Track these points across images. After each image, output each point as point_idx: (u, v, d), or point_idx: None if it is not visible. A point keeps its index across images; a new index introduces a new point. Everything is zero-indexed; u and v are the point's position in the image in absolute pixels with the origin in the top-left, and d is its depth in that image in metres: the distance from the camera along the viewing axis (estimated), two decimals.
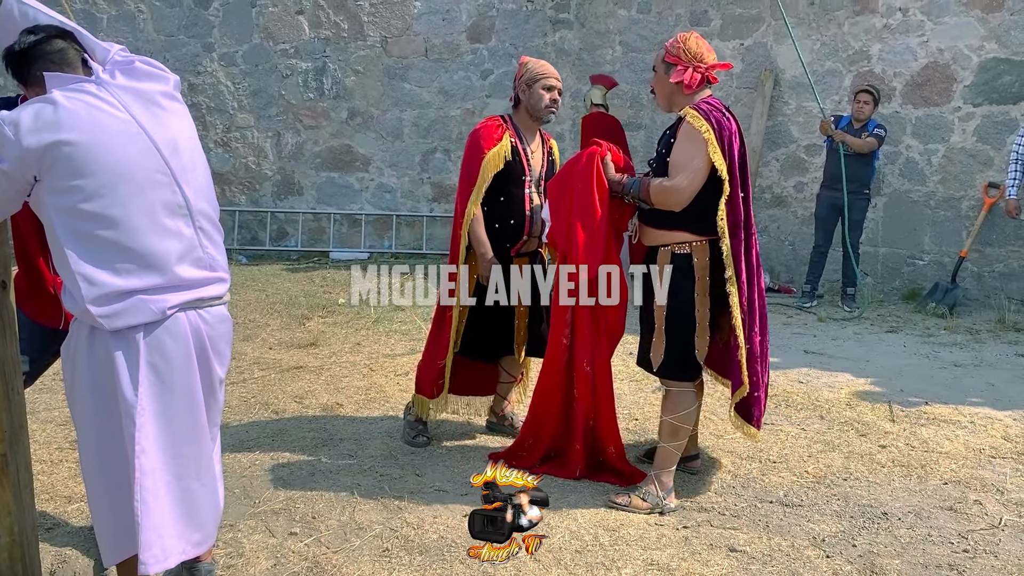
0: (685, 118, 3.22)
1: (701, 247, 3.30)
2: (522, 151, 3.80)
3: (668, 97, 3.38)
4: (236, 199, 9.91)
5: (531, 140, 3.88)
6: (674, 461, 3.44)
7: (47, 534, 3.05)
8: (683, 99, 3.33)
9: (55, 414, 4.30)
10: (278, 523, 3.19)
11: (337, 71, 9.68)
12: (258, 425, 4.25)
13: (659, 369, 3.42)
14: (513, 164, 3.75)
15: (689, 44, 3.29)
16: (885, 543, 3.09)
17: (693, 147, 3.17)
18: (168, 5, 9.51)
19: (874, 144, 7.09)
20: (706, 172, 3.18)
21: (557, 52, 9.74)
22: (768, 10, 8.29)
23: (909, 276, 7.87)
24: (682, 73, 3.27)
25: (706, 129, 3.15)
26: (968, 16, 7.35)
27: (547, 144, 3.98)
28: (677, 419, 3.40)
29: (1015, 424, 4.42)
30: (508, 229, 3.80)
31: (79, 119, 2.10)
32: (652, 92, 3.52)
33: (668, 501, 3.35)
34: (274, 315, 6.71)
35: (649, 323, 3.44)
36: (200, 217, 2.33)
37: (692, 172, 3.18)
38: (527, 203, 3.80)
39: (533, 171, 3.84)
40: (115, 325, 2.16)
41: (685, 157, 3.19)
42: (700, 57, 3.29)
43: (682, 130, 3.23)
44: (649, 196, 3.29)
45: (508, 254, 3.83)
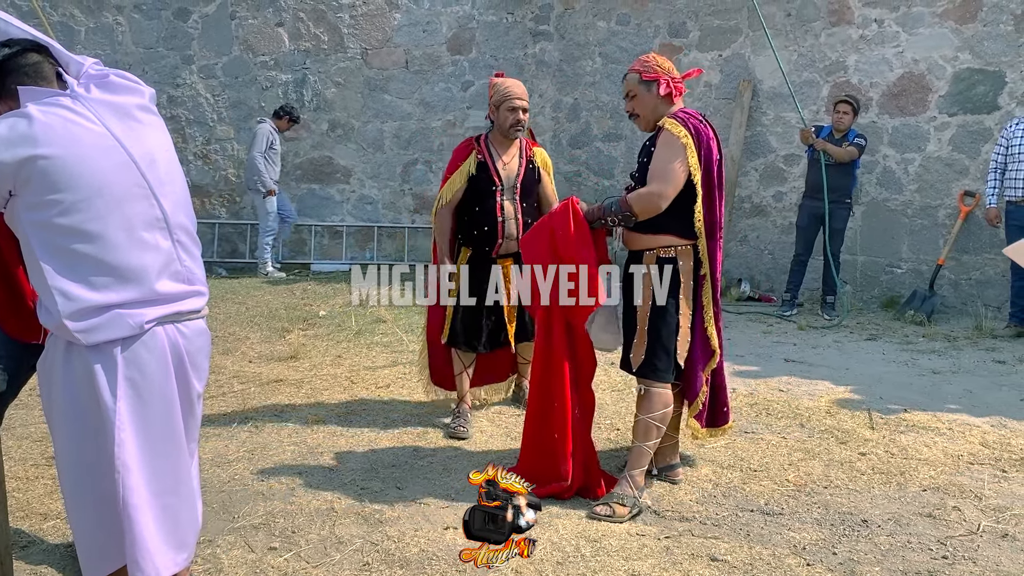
0: (664, 126, 3.35)
1: (685, 250, 3.44)
2: (491, 165, 4.28)
3: (654, 112, 3.46)
4: (216, 212, 9.87)
5: (504, 153, 4.32)
6: (646, 461, 3.55)
7: (22, 552, 3.01)
8: (665, 111, 3.44)
9: (31, 430, 4.24)
10: (257, 538, 3.16)
11: (317, 83, 9.67)
12: (237, 439, 4.21)
13: (639, 369, 3.49)
14: (479, 178, 4.27)
15: (659, 60, 3.47)
16: (865, 550, 3.11)
17: (671, 152, 3.30)
18: (147, 17, 9.48)
19: (855, 153, 7.17)
20: (684, 176, 3.30)
21: (537, 64, 9.79)
22: (746, 22, 8.37)
23: (888, 284, 7.94)
24: (665, 85, 3.41)
25: (684, 135, 3.29)
26: (942, 27, 7.46)
27: (527, 153, 4.38)
28: (653, 418, 3.48)
29: (992, 430, 4.46)
30: (484, 235, 4.31)
31: (55, 133, 2.08)
32: (632, 117, 3.57)
33: (643, 498, 3.46)
34: (254, 328, 6.68)
35: (631, 325, 3.52)
36: (178, 230, 2.32)
37: (671, 175, 3.29)
38: (498, 211, 4.27)
39: (506, 181, 4.29)
40: (92, 340, 2.14)
41: (663, 162, 3.32)
42: (670, 70, 3.46)
43: (661, 137, 3.35)
44: (631, 207, 3.36)
45: (488, 256, 4.33)
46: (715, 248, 3.49)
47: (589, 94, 9.47)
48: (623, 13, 9.12)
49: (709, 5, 8.58)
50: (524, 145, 4.41)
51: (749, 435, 4.33)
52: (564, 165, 9.80)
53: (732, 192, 8.45)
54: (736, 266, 8.67)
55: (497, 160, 4.31)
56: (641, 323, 3.46)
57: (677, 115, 3.38)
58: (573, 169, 9.71)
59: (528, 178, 4.36)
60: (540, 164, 4.45)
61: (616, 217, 3.42)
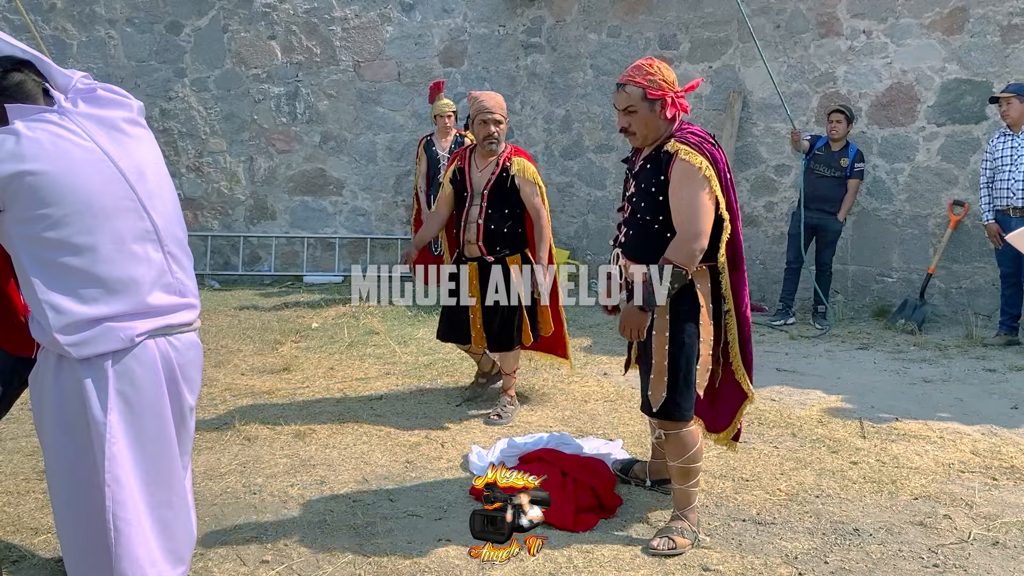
0: (677, 154, 3.00)
1: (702, 272, 3.13)
2: (467, 173, 4.61)
3: (655, 131, 3.10)
4: (208, 224, 9.86)
5: (483, 161, 4.60)
6: (694, 498, 3.28)
7: (13, 567, 3.00)
8: (667, 131, 3.12)
9: (22, 444, 4.23)
10: (249, 551, 3.15)
11: (310, 95, 9.69)
12: (230, 452, 4.21)
13: (660, 410, 3.13)
14: (459, 183, 4.65)
15: (664, 72, 3.06)
16: (857, 559, 3.12)
17: (695, 186, 2.97)
18: (139, 31, 9.49)
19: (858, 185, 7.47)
20: (713, 207, 3.01)
21: (529, 76, 9.83)
22: (736, 33, 8.43)
23: (878, 293, 7.98)
24: (672, 105, 3.06)
25: (704, 165, 2.98)
26: (930, 38, 7.52)
27: (503, 162, 4.56)
28: (686, 461, 3.20)
29: (983, 439, 4.48)
30: (457, 236, 4.71)
31: (42, 149, 2.09)
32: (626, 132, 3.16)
33: (700, 533, 3.25)
34: (246, 340, 6.67)
35: (648, 363, 3.17)
36: (169, 242, 2.33)
37: (702, 214, 2.98)
38: (465, 215, 4.60)
39: (475, 187, 4.58)
40: (83, 353, 2.15)
41: (689, 200, 2.98)
42: (674, 83, 3.09)
43: (679, 169, 2.99)
44: (680, 263, 2.99)
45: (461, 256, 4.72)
46: (740, 282, 3.20)
47: (581, 106, 9.51)
48: (614, 25, 9.17)
49: (699, 17, 8.64)
50: (504, 153, 4.57)
51: (741, 444, 4.33)
52: (556, 176, 9.83)
53: None
54: None
55: (474, 168, 4.60)
56: (659, 356, 3.10)
57: (688, 139, 3.02)
58: (565, 180, 9.74)
59: (496, 185, 4.53)
60: (516, 172, 4.51)
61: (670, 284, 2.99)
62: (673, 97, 3.04)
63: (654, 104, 3.04)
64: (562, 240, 9.85)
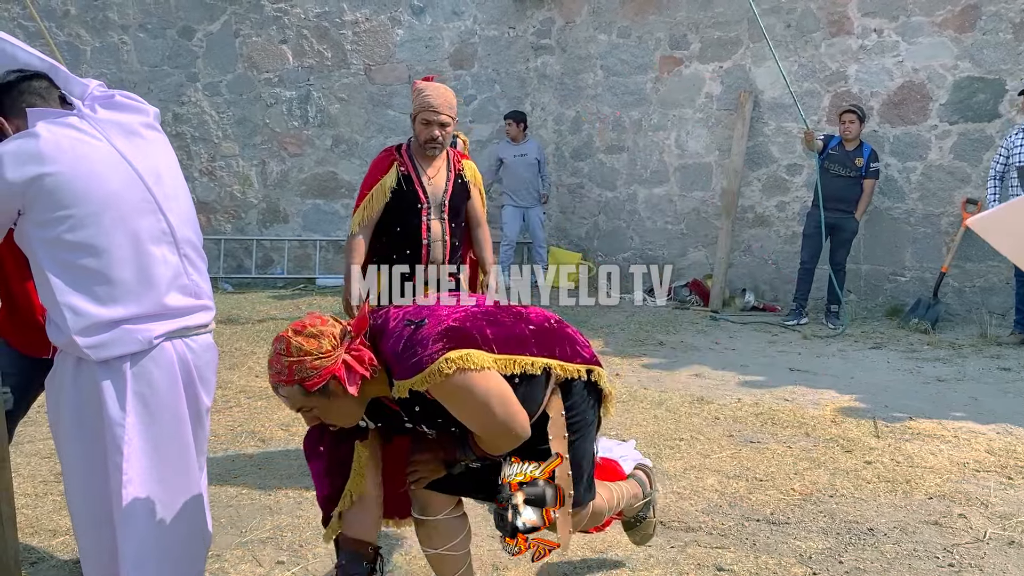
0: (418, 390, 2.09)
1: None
2: (416, 180, 3.69)
3: (355, 409, 2.20)
4: (221, 227, 9.92)
5: (428, 166, 3.74)
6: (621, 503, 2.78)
7: (32, 568, 3.03)
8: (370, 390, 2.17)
9: (39, 447, 4.27)
10: (265, 552, 3.17)
11: (321, 99, 9.74)
12: (245, 454, 4.23)
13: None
14: (405, 193, 3.67)
15: (310, 344, 2.07)
16: (871, 559, 3.11)
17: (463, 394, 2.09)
18: (151, 36, 9.56)
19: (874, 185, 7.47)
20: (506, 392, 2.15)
21: (539, 77, 9.85)
22: (746, 33, 8.42)
23: (892, 293, 7.94)
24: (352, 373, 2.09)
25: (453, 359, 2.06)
26: (941, 36, 7.49)
27: (456, 166, 3.83)
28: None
29: (998, 438, 4.46)
30: (405, 260, 3.69)
31: (62, 151, 2.12)
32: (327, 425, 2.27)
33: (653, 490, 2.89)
34: (260, 343, 6.70)
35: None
36: (184, 244, 2.35)
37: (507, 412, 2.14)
38: (424, 231, 3.69)
39: (432, 198, 3.71)
40: (102, 356, 2.17)
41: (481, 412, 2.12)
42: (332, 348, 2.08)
43: (438, 394, 2.10)
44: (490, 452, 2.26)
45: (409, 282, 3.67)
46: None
47: (591, 107, 9.51)
48: (624, 26, 9.17)
49: (709, 17, 8.63)
50: (452, 157, 3.83)
51: (754, 444, 4.34)
52: (567, 178, 9.84)
53: (734, 203, 8.48)
54: (740, 276, 8.69)
55: (422, 174, 3.71)
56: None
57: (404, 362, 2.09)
58: (576, 181, 9.74)
59: (457, 195, 3.78)
60: (471, 178, 3.87)
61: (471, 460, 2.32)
62: (347, 359, 2.08)
63: (327, 390, 2.07)
64: (573, 242, 9.85)
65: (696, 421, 4.74)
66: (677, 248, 9.11)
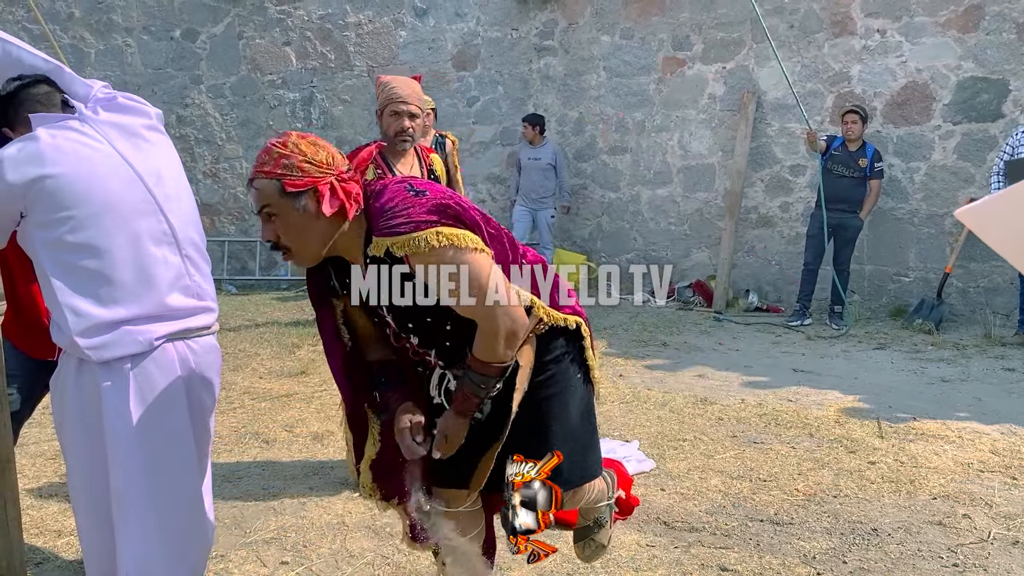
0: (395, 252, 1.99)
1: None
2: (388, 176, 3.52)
3: (320, 239, 2.03)
4: (225, 229, 9.94)
5: (398, 162, 3.64)
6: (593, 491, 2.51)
7: (36, 569, 3.04)
8: (343, 231, 2.04)
9: (44, 448, 4.28)
10: (269, 553, 3.18)
11: (324, 101, 9.75)
12: (248, 454, 4.24)
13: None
14: None
15: (310, 151, 1.99)
16: (875, 559, 3.11)
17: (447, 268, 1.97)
18: (155, 39, 9.59)
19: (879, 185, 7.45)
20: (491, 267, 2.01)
21: (542, 79, 9.85)
22: (749, 33, 8.42)
23: (895, 293, 7.93)
24: (333, 196, 1.98)
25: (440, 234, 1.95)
26: (945, 36, 7.48)
27: (427, 162, 3.75)
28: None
29: (1002, 438, 4.45)
30: None
31: (62, 153, 2.13)
32: (279, 251, 2.08)
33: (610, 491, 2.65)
34: (264, 344, 6.71)
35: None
36: (187, 245, 2.35)
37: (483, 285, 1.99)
38: None
39: None
40: (103, 357, 2.17)
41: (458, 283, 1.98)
42: (332, 163, 2.00)
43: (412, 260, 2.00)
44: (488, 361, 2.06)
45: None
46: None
47: (594, 108, 9.51)
48: (627, 27, 9.18)
49: (712, 18, 8.63)
50: (422, 152, 3.73)
51: (758, 445, 4.34)
52: (571, 178, 9.83)
53: (738, 204, 8.48)
54: (743, 277, 8.68)
55: (394, 171, 3.58)
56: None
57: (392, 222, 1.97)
58: (579, 182, 9.74)
59: None
60: (440, 173, 3.80)
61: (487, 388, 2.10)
62: (334, 182, 1.98)
63: (300, 200, 1.96)
64: (577, 243, 9.85)
65: (700, 422, 4.73)
66: (680, 249, 9.10)
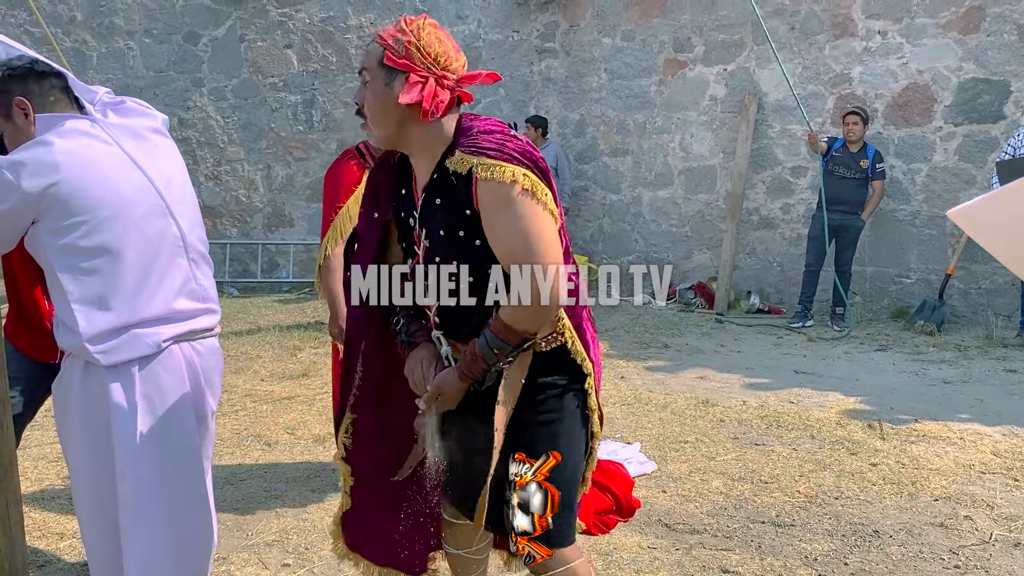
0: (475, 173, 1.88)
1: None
2: None
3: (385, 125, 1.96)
4: (227, 232, 9.94)
5: None
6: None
7: (39, 571, 3.04)
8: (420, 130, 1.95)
9: (46, 450, 4.29)
10: (271, 555, 3.18)
11: (326, 103, 9.76)
12: (250, 457, 4.25)
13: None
14: None
15: (427, 39, 1.89)
16: (877, 561, 3.11)
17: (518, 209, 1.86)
18: (157, 42, 9.60)
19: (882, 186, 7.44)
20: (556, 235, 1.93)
21: (543, 81, 9.86)
22: (750, 35, 8.42)
23: (897, 294, 7.93)
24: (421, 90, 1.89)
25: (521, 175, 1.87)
26: (946, 38, 7.48)
27: None
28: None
29: (1004, 439, 4.45)
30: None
31: (74, 157, 2.13)
32: (360, 114, 2.15)
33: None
34: (266, 347, 6.72)
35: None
36: (193, 249, 2.36)
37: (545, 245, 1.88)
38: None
39: None
40: (112, 360, 2.17)
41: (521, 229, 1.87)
42: (441, 61, 1.91)
43: (484, 192, 1.88)
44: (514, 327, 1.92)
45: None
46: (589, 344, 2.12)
47: (595, 110, 9.52)
48: (628, 29, 9.19)
49: (713, 20, 8.64)
50: None
51: (760, 447, 4.34)
52: (571, 180, 9.84)
53: (739, 205, 8.48)
54: (745, 278, 8.68)
55: None
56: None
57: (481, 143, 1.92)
58: (580, 184, 9.75)
59: None
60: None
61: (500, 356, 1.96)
62: (432, 76, 1.89)
63: (392, 78, 1.88)
64: (578, 245, 9.85)
65: (701, 423, 4.74)
66: (682, 251, 9.11)
